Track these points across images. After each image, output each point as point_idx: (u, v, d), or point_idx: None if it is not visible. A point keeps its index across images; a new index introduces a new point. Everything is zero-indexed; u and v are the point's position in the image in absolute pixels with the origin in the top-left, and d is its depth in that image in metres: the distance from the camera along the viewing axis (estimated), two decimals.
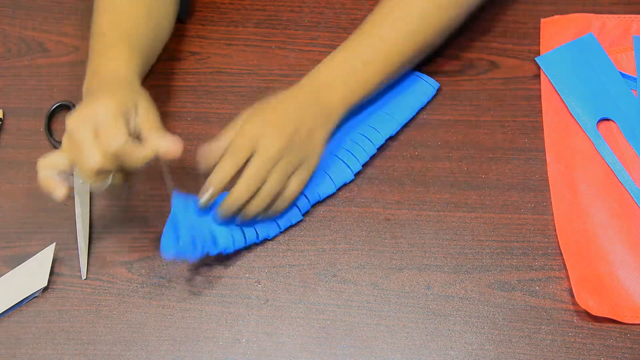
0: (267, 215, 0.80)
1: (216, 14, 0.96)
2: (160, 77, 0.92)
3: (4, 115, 0.90)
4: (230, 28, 0.95)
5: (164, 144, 0.72)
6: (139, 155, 0.72)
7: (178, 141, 0.72)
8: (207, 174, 0.77)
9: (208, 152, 0.77)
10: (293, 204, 0.82)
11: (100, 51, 0.80)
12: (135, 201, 0.86)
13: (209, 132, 0.89)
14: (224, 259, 0.83)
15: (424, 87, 0.90)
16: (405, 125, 0.89)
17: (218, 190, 0.77)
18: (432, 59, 0.91)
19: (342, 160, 0.85)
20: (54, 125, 0.90)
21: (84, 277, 0.83)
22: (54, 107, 0.90)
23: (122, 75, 0.77)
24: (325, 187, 0.84)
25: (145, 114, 0.74)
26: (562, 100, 0.89)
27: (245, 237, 0.81)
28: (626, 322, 0.79)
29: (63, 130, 0.89)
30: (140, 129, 0.73)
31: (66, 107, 0.90)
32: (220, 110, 0.91)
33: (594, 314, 0.79)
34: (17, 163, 0.88)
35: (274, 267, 0.83)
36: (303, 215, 0.83)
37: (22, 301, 0.81)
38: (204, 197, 0.77)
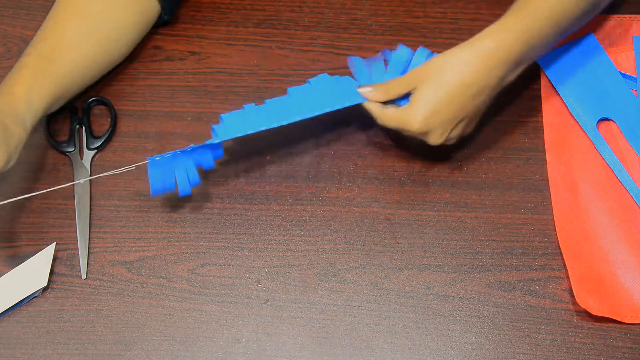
0: None
1: (216, 14, 0.96)
2: (160, 77, 0.92)
3: None
4: (230, 28, 0.95)
5: None
6: None
7: None
8: None
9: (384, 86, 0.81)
10: None
11: (12, 72, 0.81)
12: (135, 201, 0.86)
13: (209, 132, 0.89)
14: (224, 258, 0.83)
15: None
16: None
17: (370, 95, 0.81)
18: None
19: None
20: (53, 125, 0.90)
21: (84, 277, 0.83)
22: None
23: (10, 113, 0.78)
24: None
25: None
26: (562, 100, 0.89)
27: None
28: (626, 322, 0.80)
29: (63, 131, 0.89)
30: None
31: (66, 108, 0.90)
32: (220, 110, 0.90)
33: (594, 313, 0.79)
34: (17, 163, 0.87)
35: (274, 267, 0.83)
36: None
37: (22, 301, 0.81)
38: (365, 88, 0.81)
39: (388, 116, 0.80)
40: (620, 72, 0.90)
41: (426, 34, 0.94)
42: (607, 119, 0.88)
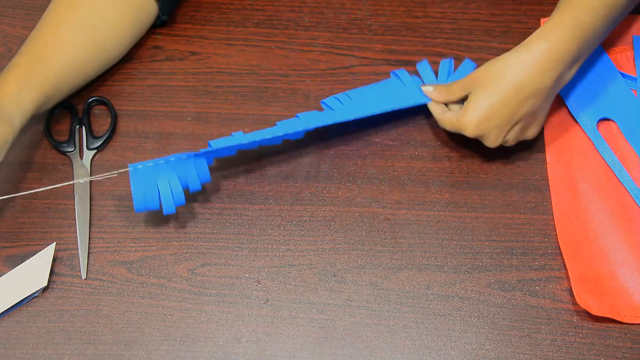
0: None
1: (216, 14, 0.96)
2: (160, 77, 0.92)
3: None
4: (230, 28, 0.95)
5: None
6: None
7: None
8: None
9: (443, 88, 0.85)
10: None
11: (4, 71, 0.82)
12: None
13: (209, 132, 0.89)
14: (224, 258, 0.83)
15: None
16: (406, 125, 0.89)
17: (431, 94, 0.86)
18: (433, 59, 0.91)
19: None
20: (53, 125, 0.90)
21: (84, 277, 0.83)
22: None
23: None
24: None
25: None
26: (562, 100, 0.89)
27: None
28: (626, 322, 0.80)
29: (63, 131, 0.89)
30: None
31: (66, 108, 0.90)
32: (220, 110, 0.91)
33: (594, 313, 0.79)
34: (17, 163, 0.88)
35: (274, 267, 0.83)
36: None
37: (22, 301, 0.81)
38: (427, 87, 0.86)
39: (446, 120, 0.83)
40: (620, 72, 0.90)
41: (426, 34, 0.94)
42: (607, 119, 0.88)
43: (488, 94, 0.79)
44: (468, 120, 0.80)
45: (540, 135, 0.88)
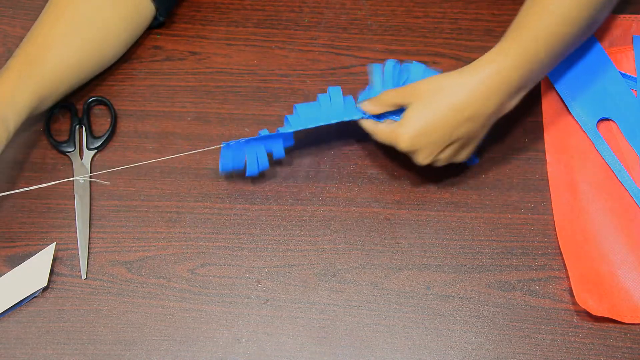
0: None
1: (216, 14, 0.96)
2: (160, 77, 0.92)
3: None
4: (230, 28, 0.95)
5: None
6: None
7: None
8: None
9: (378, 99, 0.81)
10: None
11: (0, 71, 0.82)
12: (135, 201, 0.86)
13: (209, 132, 0.89)
14: (224, 258, 0.83)
15: None
16: None
17: (365, 108, 0.81)
18: (433, 59, 0.91)
19: None
20: (53, 125, 0.90)
21: (84, 277, 0.83)
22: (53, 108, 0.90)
23: None
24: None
25: None
26: (562, 100, 0.89)
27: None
28: (626, 322, 0.80)
29: (63, 131, 0.89)
30: None
31: (66, 108, 0.90)
32: (220, 110, 0.91)
33: (593, 313, 0.79)
34: (17, 163, 0.88)
35: (274, 267, 0.83)
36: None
37: (22, 301, 0.81)
38: (364, 103, 0.81)
39: (380, 130, 0.80)
40: (620, 72, 0.90)
41: (426, 34, 0.94)
42: (607, 119, 0.88)
43: (426, 110, 0.77)
44: (403, 133, 0.77)
45: (540, 135, 0.88)
